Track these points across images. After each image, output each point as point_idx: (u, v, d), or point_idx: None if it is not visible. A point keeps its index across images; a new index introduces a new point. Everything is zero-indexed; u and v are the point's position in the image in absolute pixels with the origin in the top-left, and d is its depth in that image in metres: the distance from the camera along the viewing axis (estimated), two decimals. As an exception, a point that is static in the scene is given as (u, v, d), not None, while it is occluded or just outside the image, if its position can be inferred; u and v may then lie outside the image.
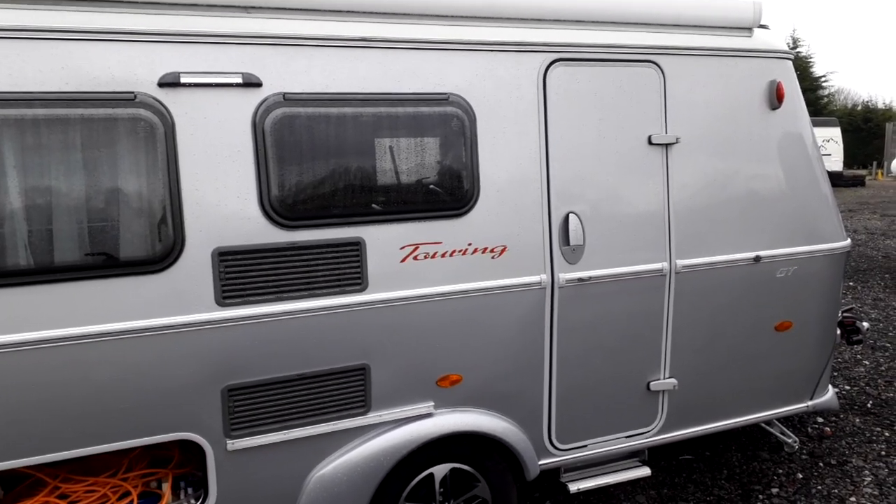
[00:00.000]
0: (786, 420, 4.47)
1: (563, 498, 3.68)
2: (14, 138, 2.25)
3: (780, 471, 4.05)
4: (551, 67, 2.96)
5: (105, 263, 2.36)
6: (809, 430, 4.58)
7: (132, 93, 2.37)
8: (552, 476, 3.34)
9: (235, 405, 2.58)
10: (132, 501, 2.59)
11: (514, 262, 2.93)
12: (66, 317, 2.33)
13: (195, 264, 2.46)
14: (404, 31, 2.74)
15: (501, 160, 2.88)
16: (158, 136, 2.39)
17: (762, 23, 3.41)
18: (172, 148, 2.41)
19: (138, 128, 2.37)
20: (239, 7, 2.54)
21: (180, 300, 2.45)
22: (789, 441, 4.04)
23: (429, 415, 2.88)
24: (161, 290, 2.43)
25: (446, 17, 2.83)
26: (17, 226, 2.27)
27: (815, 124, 4.24)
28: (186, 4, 2.47)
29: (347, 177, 2.65)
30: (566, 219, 3.01)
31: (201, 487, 2.68)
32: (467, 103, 2.81)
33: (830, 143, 23.08)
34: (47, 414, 2.36)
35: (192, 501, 2.66)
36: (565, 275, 3.01)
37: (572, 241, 3.02)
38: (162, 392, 2.48)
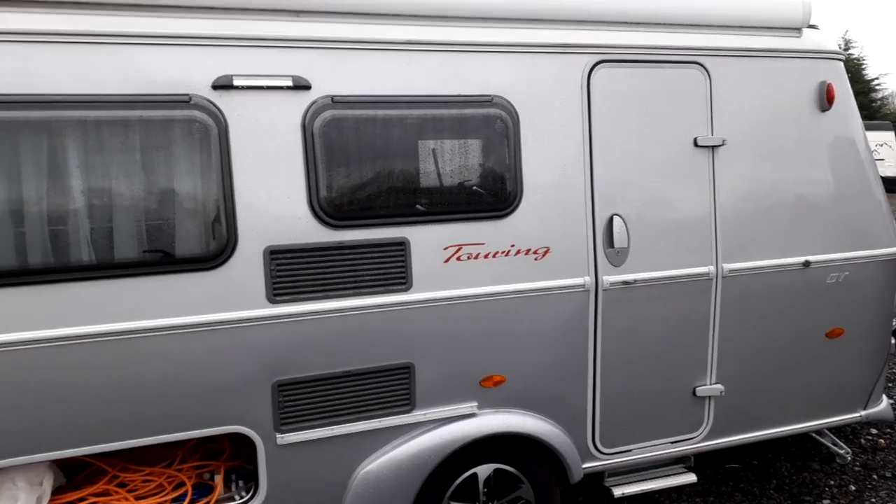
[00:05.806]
0: (837, 430, 4.34)
1: (607, 502, 3.65)
2: (77, 139, 2.36)
3: (832, 482, 3.94)
4: (595, 69, 2.96)
5: (162, 260, 2.45)
6: (863, 441, 4.44)
7: (187, 95, 2.45)
8: (596, 480, 3.32)
9: (285, 400, 2.63)
10: (186, 492, 2.67)
11: (558, 263, 2.93)
12: (124, 312, 2.42)
13: (247, 262, 2.53)
14: (450, 33, 2.77)
15: (545, 161, 2.90)
16: (212, 138, 2.47)
17: (812, 23, 3.35)
18: (226, 149, 2.49)
19: (193, 129, 2.46)
20: (289, 11, 2.61)
21: (233, 297, 2.52)
22: (841, 452, 3.93)
23: (472, 415, 2.90)
24: (215, 286, 2.50)
25: (490, 19, 2.85)
26: (80, 223, 2.37)
27: (868, 128, 4.15)
28: (239, 9, 2.55)
29: (393, 178, 2.70)
30: (610, 221, 3.00)
31: (251, 480, 2.74)
32: (511, 105, 2.83)
33: (884, 148, 22.34)
34: (107, 405, 2.45)
35: (243, 493, 2.72)
36: (609, 277, 3.00)
37: (616, 244, 3.00)
38: (215, 386, 2.55)
